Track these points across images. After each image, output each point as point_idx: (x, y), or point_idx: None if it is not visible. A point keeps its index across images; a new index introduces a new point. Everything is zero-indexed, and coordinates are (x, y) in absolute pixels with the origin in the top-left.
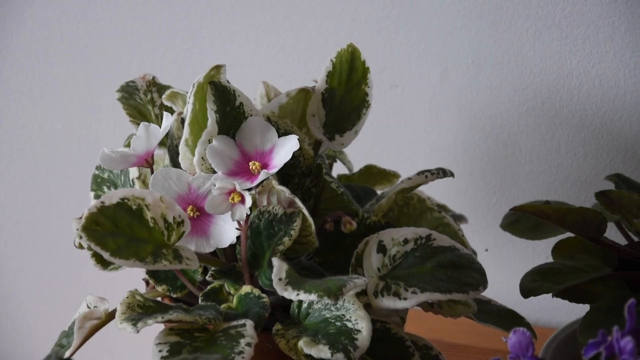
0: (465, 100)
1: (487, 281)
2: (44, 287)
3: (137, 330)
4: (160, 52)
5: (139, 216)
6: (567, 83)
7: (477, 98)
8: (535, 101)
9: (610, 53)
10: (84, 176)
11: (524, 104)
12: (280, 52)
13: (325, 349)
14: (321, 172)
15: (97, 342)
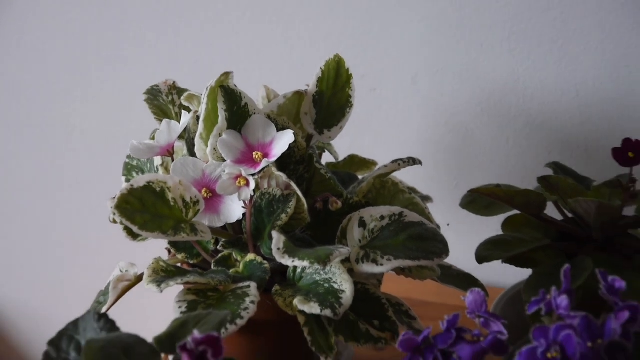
0: (432, 102)
1: (449, 250)
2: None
3: (161, 290)
4: (179, 61)
5: (162, 196)
6: (514, 88)
7: (441, 100)
8: (488, 103)
9: (550, 63)
10: (117, 164)
11: (479, 105)
12: (279, 61)
13: (316, 306)
14: (312, 160)
15: (128, 301)
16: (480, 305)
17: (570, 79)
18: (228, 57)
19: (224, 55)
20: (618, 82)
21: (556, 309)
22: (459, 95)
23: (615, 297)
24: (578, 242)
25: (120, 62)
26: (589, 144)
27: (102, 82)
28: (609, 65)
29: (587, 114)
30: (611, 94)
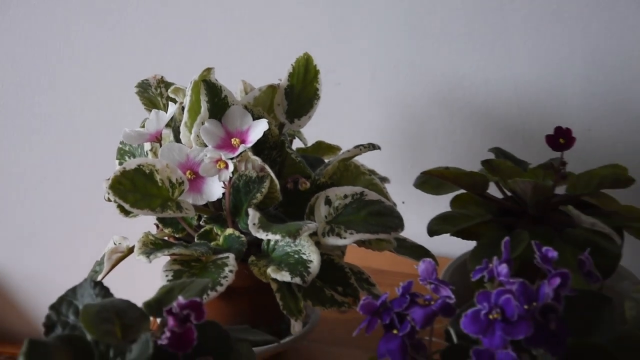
0: (390, 94)
1: (404, 225)
2: (80, 228)
3: (150, 261)
4: (167, 57)
5: (151, 178)
6: (461, 83)
7: (397, 94)
8: (438, 96)
9: (491, 61)
10: (112, 149)
11: (431, 97)
12: (255, 57)
13: (287, 274)
14: (284, 146)
15: (121, 270)
16: (431, 273)
17: (508, 75)
18: (210, 53)
19: (206, 51)
20: (549, 77)
21: (497, 276)
22: (413, 89)
23: (548, 265)
24: (516, 217)
25: (114, 59)
26: (526, 132)
27: (100, 77)
28: (542, 62)
29: (523, 106)
30: (544, 88)
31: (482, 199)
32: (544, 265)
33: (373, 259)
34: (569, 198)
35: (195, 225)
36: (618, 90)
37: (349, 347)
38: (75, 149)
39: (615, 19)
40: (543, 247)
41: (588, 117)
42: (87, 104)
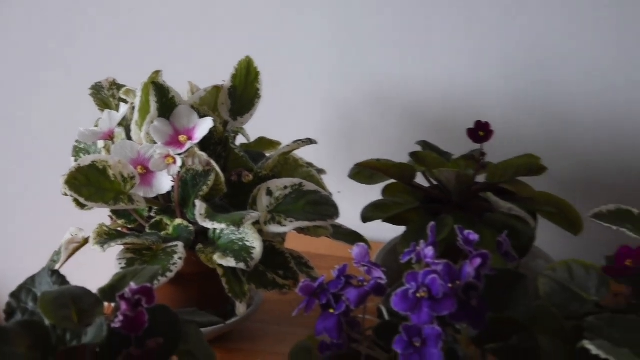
0: (326, 93)
1: (339, 212)
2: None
3: (104, 250)
4: (119, 60)
5: (104, 173)
6: (390, 81)
7: (333, 92)
8: (370, 94)
9: (418, 63)
10: (68, 148)
11: (363, 95)
12: (201, 60)
13: (232, 260)
14: (228, 142)
15: (77, 259)
16: (364, 256)
17: (432, 75)
18: (159, 57)
19: (156, 55)
20: (469, 76)
21: (424, 258)
22: (347, 88)
23: (470, 247)
24: (441, 204)
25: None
26: (449, 126)
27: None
28: (463, 63)
29: (446, 102)
30: (465, 86)
31: (411, 188)
32: (466, 247)
33: (311, 244)
34: (489, 185)
35: (146, 217)
36: (530, 88)
37: (290, 326)
38: (34, 146)
39: (529, 25)
40: (465, 230)
41: (504, 112)
42: (45, 104)
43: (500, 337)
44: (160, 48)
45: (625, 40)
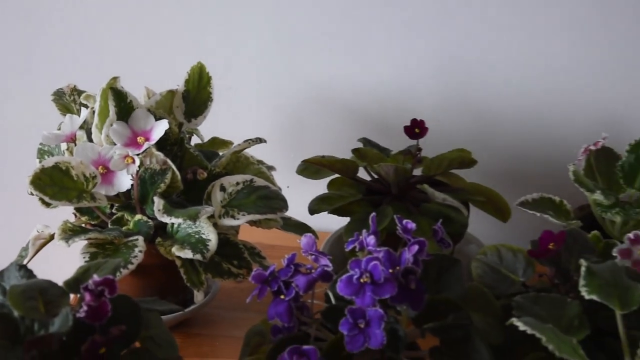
0: (274, 95)
1: (288, 206)
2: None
3: (68, 245)
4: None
5: (67, 173)
6: (333, 84)
7: (281, 94)
8: (315, 95)
9: (356, 66)
10: (33, 150)
11: (309, 97)
12: (156, 66)
13: (189, 252)
14: (183, 142)
15: (43, 255)
16: (312, 246)
17: (371, 77)
18: (117, 63)
19: (114, 61)
20: (405, 78)
21: (366, 246)
22: (293, 90)
23: (408, 235)
24: (382, 196)
25: (31, 66)
26: (388, 123)
27: (19, 83)
28: (399, 66)
29: (385, 102)
30: (401, 87)
31: (353, 182)
32: (404, 235)
33: (263, 235)
34: (425, 178)
35: (108, 213)
36: (460, 89)
37: (245, 312)
38: (9, 149)
39: (458, 31)
40: (404, 220)
41: (437, 111)
42: (7, 109)
43: (437, 317)
44: (118, 54)
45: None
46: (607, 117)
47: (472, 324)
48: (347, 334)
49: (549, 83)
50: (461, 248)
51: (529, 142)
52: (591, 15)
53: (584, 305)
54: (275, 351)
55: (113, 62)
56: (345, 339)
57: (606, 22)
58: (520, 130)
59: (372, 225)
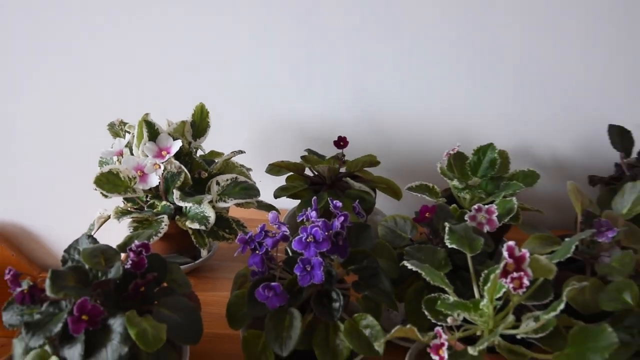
0: (251, 121)
1: (260, 193)
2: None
3: (119, 222)
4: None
5: (117, 176)
6: (290, 113)
7: (255, 120)
8: (280, 121)
9: (307, 100)
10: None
11: (275, 122)
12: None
13: (197, 224)
14: (192, 154)
15: (103, 228)
16: (275, 219)
17: (314, 108)
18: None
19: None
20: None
21: (310, 218)
22: (266, 118)
23: (337, 210)
24: (320, 186)
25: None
26: (324, 139)
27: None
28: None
29: (321, 124)
30: (331, 113)
31: (302, 177)
32: (335, 210)
33: (244, 213)
34: (347, 174)
35: (144, 201)
36: (367, 114)
37: (234, 262)
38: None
39: (367, 78)
40: (334, 200)
41: (354, 128)
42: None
43: (356, 262)
44: (148, 94)
45: (416, 84)
46: (459, 133)
47: (379, 266)
48: (299, 275)
49: (425, 109)
50: (371, 218)
51: (413, 148)
52: (446, 63)
53: (448, 251)
54: (253, 287)
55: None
56: (298, 278)
57: (462, 66)
58: (408, 141)
59: (313, 205)
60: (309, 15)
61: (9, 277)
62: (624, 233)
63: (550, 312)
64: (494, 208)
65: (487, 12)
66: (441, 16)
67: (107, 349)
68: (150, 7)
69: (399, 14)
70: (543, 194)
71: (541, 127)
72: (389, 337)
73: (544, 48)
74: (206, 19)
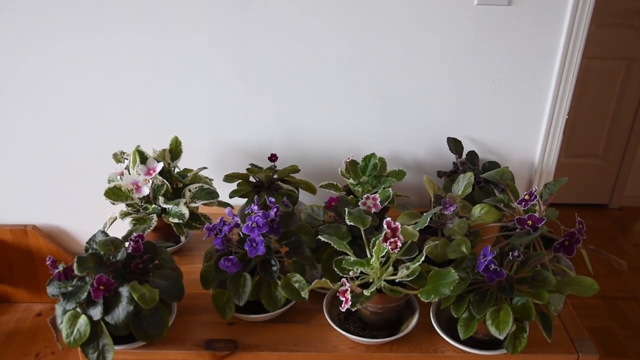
0: (209, 146)
1: (219, 195)
2: (95, 208)
3: (123, 220)
4: (124, 132)
5: (120, 189)
6: (238, 136)
7: (212, 144)
8: (230, 144)
9: (249, 128)
10: (105, 177)
11: (226, 145)
12: (158, 136)
13: (176, 219)
14: (171, 172)
15: (113, 226)
16: (230, 212)
17: (252, 132)
18: (139, 132)
19: (136, 132)
20: (267, 130)
21: (253, 210)
22: (220, 141)
23: (272, 204)
24: (260, 188)
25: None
26: (262, 155)
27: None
28: (264, 124)
29: (260, 144)
30: (265, 135)
31: (248, 182)
32: (270, 204)
33: (209, 209)
34: (278, 179)
35: (140, 205)
36: (291, 134)
37: (204, 244)
38: (97, 180)
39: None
40: (269, 197)
41: (282, 147)
42: (90, 160)
43: (287, 238)
44: (138, 130)
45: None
46: (352, 147)
47: (302, 240)
48: (248, 249)
49: (329, 131)
50: (296, 208)
51: (322, 158)
52: (342, 99)
53: (348, 227)
54: (217, 260)
55: (136, 133)
56: (248, 252)
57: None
58: (319, 153)
59: (255, 201)
60: (246, 67)
61: (49, 263)
62: (460, 207)
63: (416, 262)
64: (377, 196)
65: (365, 62)
66: (337, 69)
67: (119, 307)
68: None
69: (310, 65)
70: (408, 185)
71: (405, 140)
72: (311, 287)
73: (404, 88)
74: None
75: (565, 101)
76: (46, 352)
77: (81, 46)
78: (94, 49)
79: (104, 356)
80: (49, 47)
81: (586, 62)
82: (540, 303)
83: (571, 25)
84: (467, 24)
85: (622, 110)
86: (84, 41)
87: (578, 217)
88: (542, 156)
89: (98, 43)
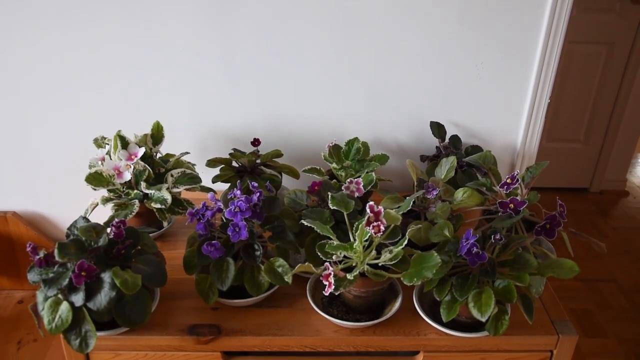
0: (193, 132)
1: (202, 180)
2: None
3: (104, 206)
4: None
5: (102, 174)
6: (223, 123)
7: (196, 130)
8: (215, 131)
9: (233, 116)
10: (86, 162)
11: (209, 131)
12: (139, 120)
13: (159, 205)
14: (153, 157)
15: (95, 212)
16: (213, 197)
17: (238, 120)
18: (120, 117)
19: (119, 116)
20: (251, 120)
21: (236, 195)
22: (203, 128)
23: (255, 189)
24: (243, 172)
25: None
26: (244, 140)
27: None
28: (248, 113)
29: (244, 131)
30: (249, 123)
31: (230, 167)
32: (253, 189)
33: (192, 194)
34: (261, 163)
35: (121, 190)
36: (273, 122)
37: (187, 229)
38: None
39: (273, 98)
40: (252, 182)
41: (265, 131)
42: (74, 147)
43: (270, 222)
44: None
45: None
46: (335, 131)
47: (285, 224)
48: (231, 234)
49: (311, 116)
50: (279, 192)
51: (305, 143)
52: (327, 84)
53: (331, 211)
54: (200, 245)
55: (119, 116)
56: (230, 237)
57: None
58: (302, 138)
59: (238, 186)
60: (229, 52)
61: (30, 249)
62: (443, 191)
63: (399, 246)
64: (360, 180)
65: (348, 47)
66: (321, 53)
67: (101, 294)
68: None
69: (293, 50)
70: (391, 169)
71: (388, 125)
72: (294, 272)
73: (387, 72)
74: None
75: (547, 86)
76: (28, 339)
77: (62, 33)
78: (76, 35)
79: (87, 342)
80: (28, 34)
81: (568, 47)
82: (521, 285)
83: (553, 10)
84: (449, 8)
85: (603, 95)
86: (65, 28)
87: (559, 201)
88: (524, 140)
89: (79, 29)
